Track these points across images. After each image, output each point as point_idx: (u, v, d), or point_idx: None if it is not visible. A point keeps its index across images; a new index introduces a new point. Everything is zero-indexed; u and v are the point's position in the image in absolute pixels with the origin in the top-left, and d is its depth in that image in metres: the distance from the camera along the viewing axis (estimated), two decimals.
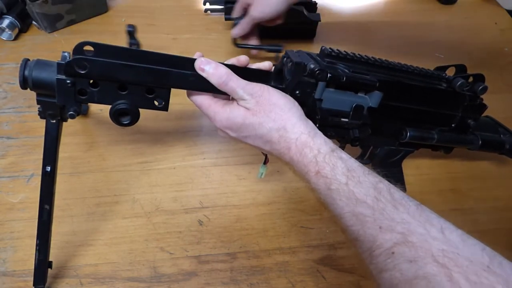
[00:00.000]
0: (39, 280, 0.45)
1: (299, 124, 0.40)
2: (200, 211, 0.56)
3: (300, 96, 0.43)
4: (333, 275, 0.53)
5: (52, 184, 0.43)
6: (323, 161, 0.37)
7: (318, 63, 0.43)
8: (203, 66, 0.40)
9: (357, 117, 0.46)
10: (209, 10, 0.80)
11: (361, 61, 0.46)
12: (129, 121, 0.42)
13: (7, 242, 0.50)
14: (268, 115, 0.40)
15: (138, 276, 0.50)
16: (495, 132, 0.61)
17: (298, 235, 0.56)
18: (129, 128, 0.62)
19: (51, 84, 0.37)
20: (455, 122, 0.54)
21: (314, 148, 0.38)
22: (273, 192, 0.59)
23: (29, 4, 0.67)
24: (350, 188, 0.35)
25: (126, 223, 0.53)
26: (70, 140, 0.60)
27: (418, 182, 0.63)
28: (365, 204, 0.34)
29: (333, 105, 0.45)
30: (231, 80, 0.40)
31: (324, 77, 0.42)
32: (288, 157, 0.40)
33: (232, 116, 0.41)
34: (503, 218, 0.61)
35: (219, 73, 0.40)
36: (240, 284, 0.51)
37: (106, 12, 0.78)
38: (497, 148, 0.61)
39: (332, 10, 0.88)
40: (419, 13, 0.91)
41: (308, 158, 0.38)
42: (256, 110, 0.40)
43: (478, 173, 0.66)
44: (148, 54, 0.39)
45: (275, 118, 0.40)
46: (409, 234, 0.31)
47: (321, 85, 0.43)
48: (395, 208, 0.33)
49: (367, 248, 0.33)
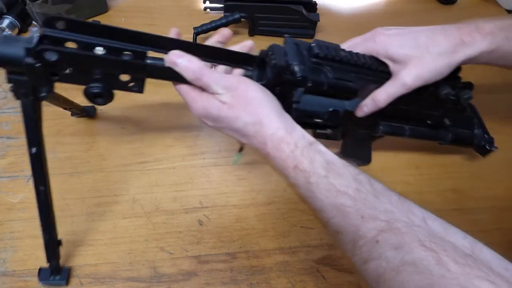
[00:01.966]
0: (51, 257, 0.46)
1: (276, 119, 0.38)
2: (200, 211, 0.56)
3: (279, 93, 0.42)
4: (333, 275, 0.53)
5: (41, 165, 0.41)
6: (301, 155, 0.37)
7: (304, 63, 0.42)
8: (175, 59, 0.39)
9: (332, 119, 0.46)
10: (208, 8, 0.80)
11: (350, 63, 0.45)
12: (104, 102, 0.41)
13: (7, 242, 0.50)
14: (244, 108, 0.39)
15: (138, 276, 0.50)
16: (470, 126, 0.62)
17: (298, 235, 0.56)
18: (129, 128, 0.63)
19: (19, 61, 0.35)
20: (432, 120, 0.55)
21: (291, 143, 0.37)
22: (273, 192, 0.59)
23: (29, 4, 0.67)
24: (330, 180, 0.35)
25: (126, 223, 0.53)
26: (70, 140, 0.60)
27: (418, 182, 0.63)
28: (346, 195, 0.34)
29: (310, 106, 0.44)
30: (205, 75, 0.38)
31: (304, 85, 0.42)
32: (265, 152, 0.39)
33: (208, 106, 0.39)
34: (503, 218, 0.61)
35: (193, 67, 0.39)
36: (240, 284, 0.51)
37: (106, 12, 0.78)
38: (467, 143, 0.62)
39: (331, 10, 0.88)
40: (419, 13, 0.91)
41: (285, 153, 0.37)
42: (232, 104, 0.39)
43: (478, 173, 0.66)
44: (123, 32, 0.38)
45: (251, 112, 0.39)
46: (393, 222, 0.31)
47: (300, 89, 0.43)
48: (377, 198, 0.33)
49: (350, 239, 0.33)
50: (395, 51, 0.46)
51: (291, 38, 0.45)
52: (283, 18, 0.76)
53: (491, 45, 0.44)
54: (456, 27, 0.46)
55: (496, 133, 0.64)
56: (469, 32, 0.45)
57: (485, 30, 0.45)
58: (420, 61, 0.45)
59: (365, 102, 0.48)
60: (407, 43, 0.46)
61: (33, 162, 0.41)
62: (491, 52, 0.45)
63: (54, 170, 0.56)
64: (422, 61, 0.45)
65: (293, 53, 0.42)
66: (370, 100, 0.47)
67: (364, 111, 0.48)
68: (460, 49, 0.45)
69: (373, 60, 0.48)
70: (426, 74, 0.45)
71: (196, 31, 0.72)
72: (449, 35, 0.45)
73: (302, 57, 0.43)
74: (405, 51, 0.46)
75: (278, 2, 0.74)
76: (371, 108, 0.48)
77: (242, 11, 0.73)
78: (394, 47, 0.46)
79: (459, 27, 0.46)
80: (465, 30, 0.45)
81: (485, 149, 0.62)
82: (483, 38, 0.45)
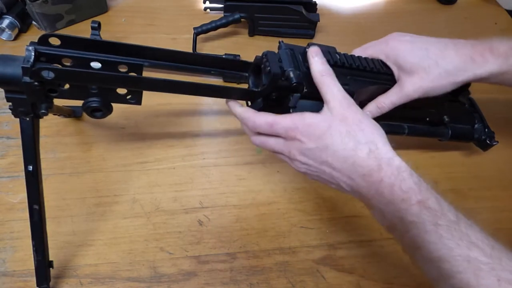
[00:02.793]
0: (42, 280, 0.45)
1: (389, 147, 0.36)
2: (200, 211, 0.56)
3: (275, 98, 0.43)
4: (333, 275, 0.53)
5: (37, 183, 0.41)
6: (427, 191, 0.33)
7: (299, 68, 0.42)
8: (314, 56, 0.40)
9: None
10: (208, 8, 0.80)
11: (345, 66, 0.45)
12: (103, 116, 0.42)
13: (7, 242, 0.50)
14: (358, 124, 0.36)
15: (138, 276, 0.50)
16: (469, 120, 0.62)
17: (298, 235, 0.56)
18: (129, 128, 0.63)
19: (17, 80, 0.35)
20: (431, 117, 0.55)
21: (414, 175, 0.34)
22: (273, 192, 0.59)
23: (29, 4, 0.67)
24: (462, 228, 0.31)
25: (126, 223, 0.53)
26: (70, 140, 0.60)
27: None
28: (480, 250, 0.30)
29: (305, 110, 0.43)
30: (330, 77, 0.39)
31: (300, 91, 0.41)
32: (377, 177, 0.34)
33: (315, 121, 0.37)
34: (503, 218, 0.61)
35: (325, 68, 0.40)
36: (240, 284, 0.51)
37: (106, 12, 0.78)
38: (467, 139, 0.62)
39: (331, 10, 0.88)
40: (419, 13, 0.91)
41: (407, 184, 0.34)
42: (346, 117, 0.36)
43: (478, 173, 0.66)
44: (118, 45, 0.39)
45: (365, 130, 0.36)
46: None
47: (296, 95, 0.42)
48: None
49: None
50: (404, 58, 0.45)
51: (285, 43, 0.44)
52: (283, 18, 0.76)
53: (502, 67, 0.43)
54: (470, 44, 0.45)
55: (497, 133, 0.63)
56: (482, 51, 0.44)
57: (499, 50, 0.43)
58: (427, 74, 0.44)
59: (370, 107, 0.49)
60: (418, 52, 0.45)
61: (28, 180, 0.41)
62: (502, 74, 0.43)
63: (54, 170, 0.56)
64: (429, 75, 0.44)
65: (287, 59, 0.42)
66: (375, 106, 0.48)
67: None
68: (469, 68, 0.43)
69: (376, 63, 0.48)
70: (429, 88, 0.44)
71: (196, 31, 0.72)
72: (461, 51, 0.44)
73: (297, 63, 0.43)
74: (413, 60, 0.45)
75: (278, 2, 0.74)
76: (375, 114, 0.48)
77: (242, 11, 0.73)
78: (404, 54, 0.45)
79: (474, 45, 0.45)
80: (478, 48, 0.44)
81: (486, 144, 0.62)
82: (495, 59, 0.43)
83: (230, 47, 0.76)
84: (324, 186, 0.60)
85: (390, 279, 0.53)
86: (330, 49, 0.46)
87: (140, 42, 0.73)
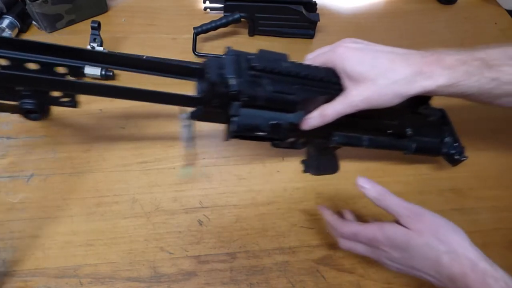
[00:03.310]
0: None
1: (471, 249, 0.37)
2: (200, 211, 0.56)
3: (219, 105, 0.42)
4: (333, 275, 0.53)
5: None
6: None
7: (241, 76, 0.41)
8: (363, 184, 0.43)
9: (276, 133, 0.44)
10: (208, 8, 0.80)
11: (292, 75, 0.44)
12: (38, 118, 0.41)
13: (7, 242, 0.50)
14: (435, 235, 0.38)
15: (138, 276, 0.50)
16: (438, 134, 0.60)
17: (298, 235, 0.56)
18: (129, 128, 0.63)
19: None
20: (392, 129, 0.53)
21: (500, 279, 0.35)
22: (273, 192, 0.59)
23: (29, 4, 0.67)
24: None
25: (126, 223, 0.53)
26: (70, 140, 0.60)
27: (418, 182, 0.63)
28: None
29: (250, 120, 0.43)
30: (390, 196, 0.41)
31: (238, 99, 0.40)
32: (463, 284, 0.36)
33: (395, 235, 0.39)
34: (503, 218, 0.61)
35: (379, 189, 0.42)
36: (240, 284, 0.51)
37: (106, 12, 0.78)
38: (434, 153, 0.60)
39: (331, 10, 0.88)
40: (419, 13, 0.91)
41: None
42: (421, 230, 0.39)
43: (478, 173, 0.66)
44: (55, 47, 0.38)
45: (443, 240, 0.38)
46: None
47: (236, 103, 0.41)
48: None
49: None
50: (352, 67, 0.43)
51: (232, 50, 0.43)
52: (283, 18, 0.76)
53: (449, 79, 0.41)
54: (420, 54, 0.43)
55: (497, 132, 0.64)
56: (430, 62, 0.42)
57: (445, 63, 0.42)
58: (374, 84, 0.42)
59: (312, 115, 0.46)
60: (366, 62, 0.43)
61: None
62: (449, 86, 0.42)
63: (54, 170, 0.56)
64: (375, 85, 0.42)
65: (231, 66, 0.41)
66: (318, 114, 0.45)
67: (310, 124, 0.46)
68: (417, 80, 0.42)
69: (327, 72, 0.46)
70: (376, 99, 0.43)
71: (196, 31, 0.72)
72: (410, 62, 0.42)
73: (240, 70, 0.42)
74: (361, 70, 0.43)
75: (278, 2, 0.74)
76: (318, 122, 0.46)
77: (242, 11, 0.73)
78: (352, 63, 0.43)
79: (423, 56, 0.43)
80: (427, 60, 0.42)
81: (455, 159, 0.60)
82: (442, 72, 0.41)
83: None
84: (324, 186, 0.61)
85: (390, 279, 0.53)
86: (278, 56, 0.44)
87: (140, 42, 0.74)
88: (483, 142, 0.69)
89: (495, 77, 0.42)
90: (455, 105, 0.73)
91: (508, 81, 0.42)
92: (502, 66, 0.42)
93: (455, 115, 0.64)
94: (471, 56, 0.42)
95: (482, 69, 0.42)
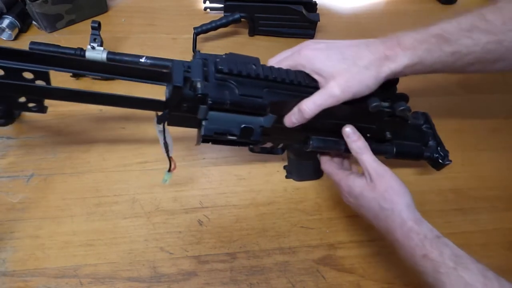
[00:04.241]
0: None
1: (406, 211, 0.44)
2: (200, 211, 0.56)
3: (188, 110, 0.41)
4: (333, 275, 0.53)
5: None
6: (430, 246, 0.41)
7: (208, 79, 0.41)
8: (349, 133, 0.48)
9: (245, 136, 0.44)
10: (208, 8, 0.80)
11: (260, 78, 0.43)
12: (4, 123, 0.41)
13: (7, 242, 0.50)
14: (382, 194, 0.45)
15: (138, 276, 0.50)
16: (420, 139, 0.59)
17: (298, 235, 0.56)
18: (129, 128, 0.63)
19: None
20: (370, 133, 0.52)
21: (421, 234, 0.42)
22: (273, 192, 0.59)
23: (29, 4, 0.67)
24: (459, 272, 0.38)
25: (126, 223, 0.53)
26: (70, 140, 0.60)
27: (418, 182, 0.63)
28: None
29: (220, 123, 0.42)
30: (365, 153, 0.47)
31: (205, 102, 0.40)
32: (393, 237, 0.44)
33: (353, 185, 0.48)
34: (503, 218, 0.61)
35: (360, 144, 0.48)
36: (240, 284, 0.51)
37: (106, 12, 0.78)
38: (416, 157, 0.58)
39: (331, 10, 0.88)
40: (419, 13, 0.91)
41: (414, 242, 0.41)
42: (375, 187, 0.45)
43: (478, 173, 0.66)
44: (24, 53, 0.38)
45: (387, 199, 0.44)
46: None
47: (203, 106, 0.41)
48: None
49: None
50: (322, 64, 0.45)
51: (200, 53, 0.43)
52: (283, 18, 0.76)
53: (412, 59, 0.44)
54: (380, 41, 0.46)
55: (497, 132, 0.64)
56: (391, 46, 0.44)
57: (405, 44, 0.44)
58: (348, 72, 0.44)
59: (293, 111, 0.46)
60: (334, 56, 0.45)
61: None
62: (414, 65, 0.44)
63: (54, 170, 0.56)
64: (350, 73, 0.44)
65: (198, 69, 0.41)
66: (297, 109, 0.45)
67: (292, 121, 0.46)
68: (384, 63, 0.44)
69: (297, 74, 0.46)
70: (355, 85, 0.44)
71: (196, 31, 0.72)
72: (373, 49, 0.45)
73: (207, 73, 0.41)
74: (332, 64, 0.45)
75: (278, 2, 0.74)
76: (298, 119, 0.45)
77: (242, 11, 0.73)
78: (321, 61, 0.45)
79: (383, 42, 0.45)
80: (388, 45, 0.45)
81: (438, 163, 0.58)
82: (404, 53, 0.44)
83: (230, 47, 0.76)
84: (324, 186, 0.61)
85: (390, 279, 0.53)
86: (248, 60, 0.44)
87: (140, 42, 0.74)
88: (483, 142, 0.69)
89: (455, 51, 0.44)
90: (455, 104, 0.74)
91: (468, 52, 0.44)
92: (459, 39, 0.43)
93: (455, 114, 0.64)
94: (428, 33, 0.44)
95: (441, 45, 0.44)
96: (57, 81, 0.40)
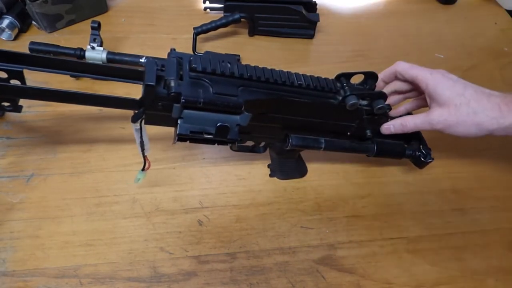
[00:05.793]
0: None
1: None
2: (200, 211, 0.56)
3: (163, 108, 0.41)
4: (333, 275, 0.53)
5: None
6: None
7: (182, 77, 0.40)
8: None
9: (221, 135, 0.43)
10: (208, 8, 0.80)
11: (234, 76, 0.43)
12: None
13: (7, 242, 0.50)
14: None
15: (138, 276, 0.50)
16: (402, 137, 0.58)
17: (298, 235, 0.56)
18: (129, 128, 0.62)
19: None
20: (351, 131, 0.52)
21: None
22: (273, 192, 0.59)
23: (29, 4, 0.67)
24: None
25: (126, 223, 0.53)
26: (70, 140, 0.60)
27: (418, 182, 0.63)
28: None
29: (195, 122, 0.42)
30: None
31: (178, 100, 0.40)
32: None
33: None
34: (503, 218, 0.61)
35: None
36: (240, 284, 0.51)
37: (106, 12, 0.78)
38: (397, 155, 0.58)
39: (331, 10, 0.88)
40: (419, 13, 0.91)
41: None
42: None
43: (478, 173, 0.66)
44: None
45: None
46: None
47: (177, 105, 0.40)
48: None
49: None
50: (442, 90, 0.48)
51: (175, 51, 0.43)
52: (283, 18, 0.76)
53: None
54: (502, 94, 0.48)
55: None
56: (508, 102, 0.46)
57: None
58: (456, 109, 0.47)
59: (394, 122, 0.53)
60: (456, 89, 0.48)
61: None
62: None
63: (54, 170, 0.56)
64: (457, 111, 0.47)
65: (172, 67, 0.40)
66: (399, 123, 0.52)
67: (390, 130, 0.53)
68: (495, 116, 0.46)
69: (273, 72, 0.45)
70: (453, 124, 0.48)
71: (196, 31, 0.72)
72: (492, 99, 0.47)
73: (181, 71, 0.41)
74: (449, 94, 0.48)
75: (278, 2, 0.74)
76: (397, 130, 0.53)
77: (242, 11, 0.73)
78: (443, 87, 0.48)
79: (504, 96, 0.47)
80: (507, 100, 0.47)
81: (421, 161, 0.58)
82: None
83: (230, 47, 0.76)
84: (324, 186, 0.61)
85: (390, 279, 0.53)
86: (224, 58, 0.44)
87: (140, 42, 0.74)
88: (483, 142, 0.69)
89: None
90: None
91: None
92: None
93: None
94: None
95: None
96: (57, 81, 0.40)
